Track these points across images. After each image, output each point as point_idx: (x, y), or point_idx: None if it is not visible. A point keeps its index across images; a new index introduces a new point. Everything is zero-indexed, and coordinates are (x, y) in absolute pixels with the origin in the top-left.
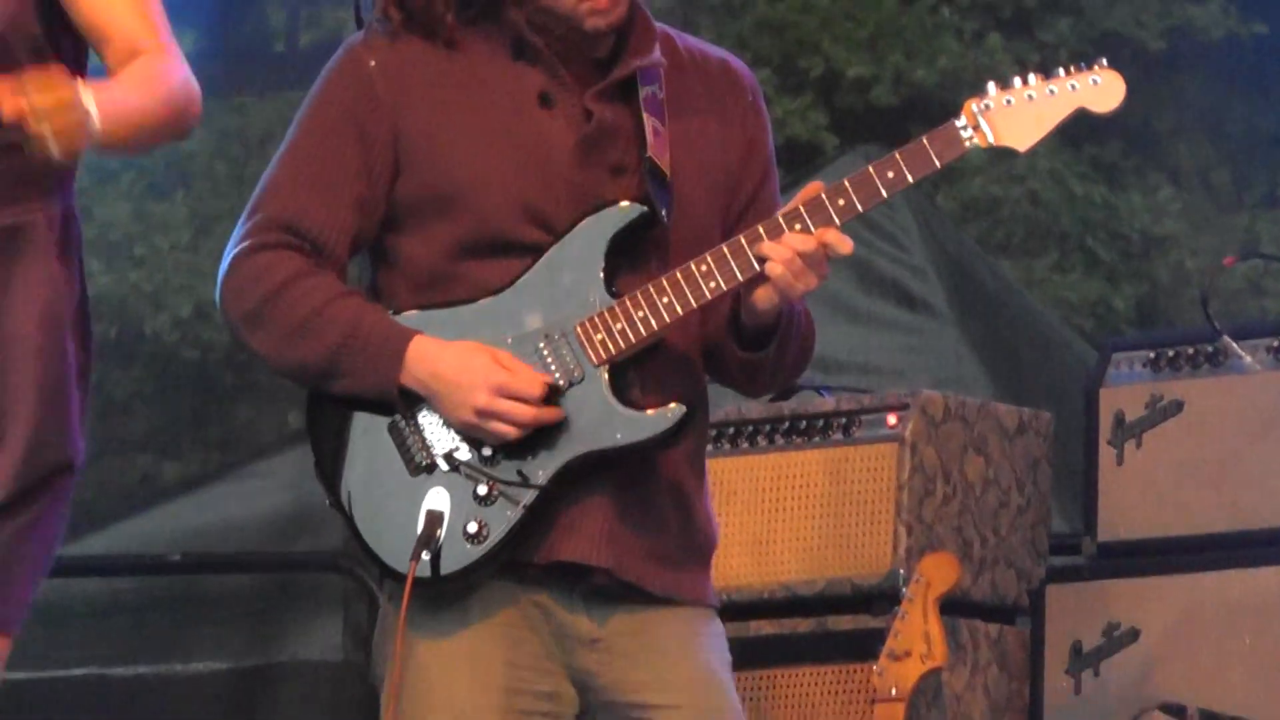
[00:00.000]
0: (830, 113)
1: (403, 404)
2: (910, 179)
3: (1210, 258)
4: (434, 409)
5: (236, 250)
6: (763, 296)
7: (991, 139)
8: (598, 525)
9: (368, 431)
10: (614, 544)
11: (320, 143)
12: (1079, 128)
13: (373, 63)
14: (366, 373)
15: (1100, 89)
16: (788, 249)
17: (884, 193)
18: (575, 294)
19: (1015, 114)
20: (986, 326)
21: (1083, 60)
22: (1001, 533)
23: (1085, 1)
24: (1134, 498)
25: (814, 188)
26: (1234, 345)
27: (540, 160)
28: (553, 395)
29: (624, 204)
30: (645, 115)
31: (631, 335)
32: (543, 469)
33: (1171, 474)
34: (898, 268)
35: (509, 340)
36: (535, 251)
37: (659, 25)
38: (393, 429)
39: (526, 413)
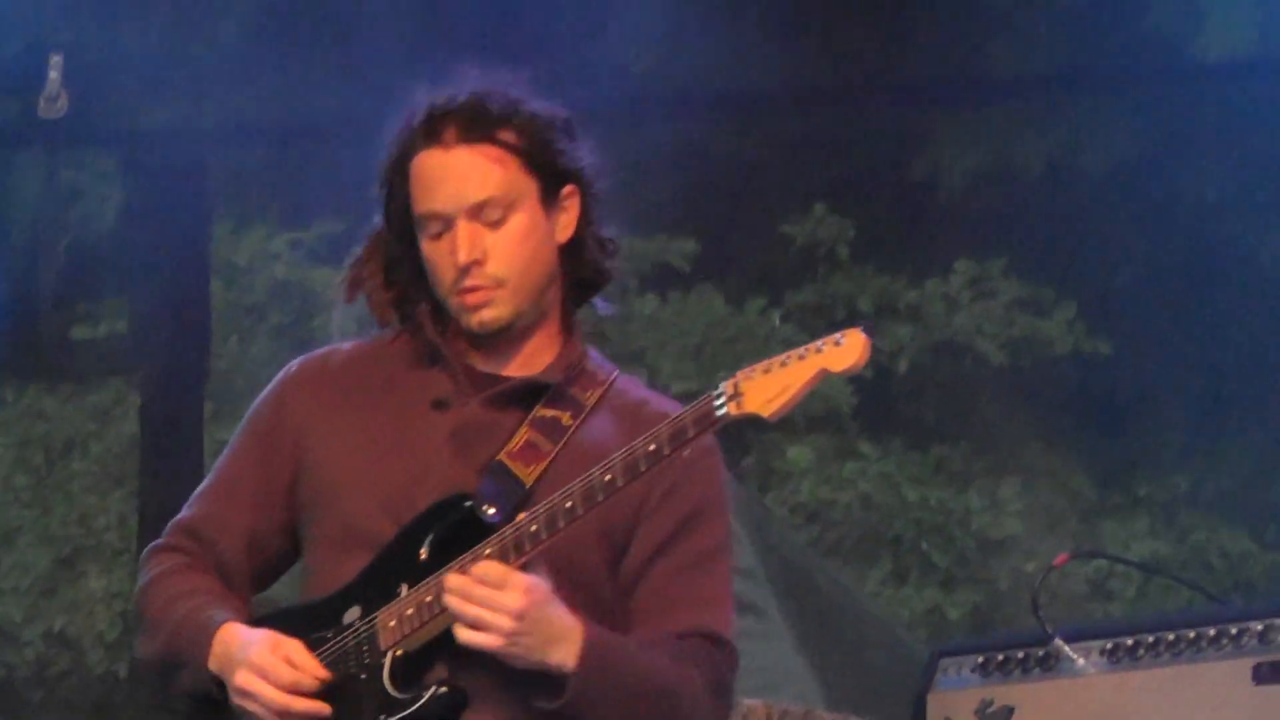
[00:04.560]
0: None
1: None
2: (667, 451)
3: (1051, 560)
4: None
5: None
6: None
7: (742, 408)
8: None
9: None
10: None
11: (233, 449)
12: (923, 430)
13: (296, 371)
14: (190, 665)
15: (842, 349)
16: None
17: (643, 465)
18: (391, 584)
19: (765, 383)
20: (817, 629)
21: (923, 370)
22: None
23: (925, 308)
24: None
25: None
26: (1065, 648)
27: (412, 460)
28: (340, 688)
29: (445, 500)
30: (526, 427)
31: (415, 621)
32: None
33: None
34: None
35: (329, 634)
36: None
37: (624, 378)
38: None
39: (275, 698)
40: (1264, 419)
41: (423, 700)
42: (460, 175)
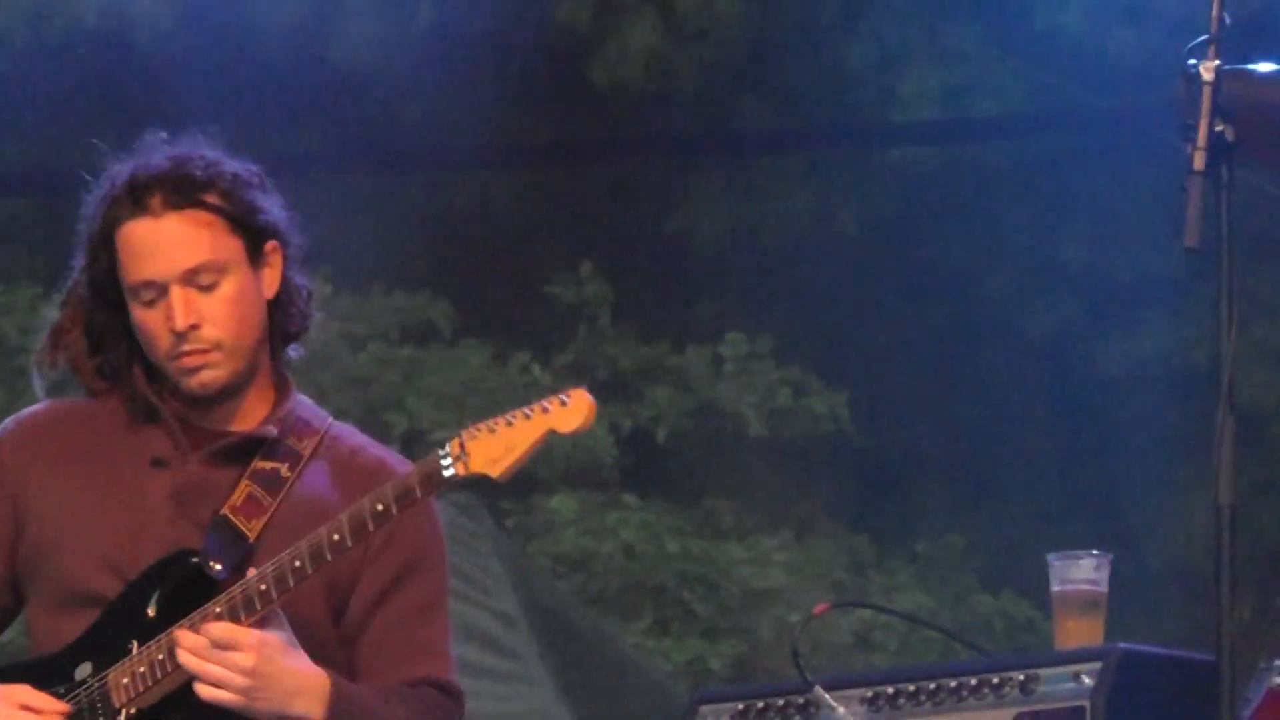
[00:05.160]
0: None
1: None
2: (394, 511)
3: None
4: None
5: None
6: None
7: (469, 468)
8: None
9: None
10: None
11: None
12: (687, 485)
13: (9, 430)
14: None
15: (568, 409)
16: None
17: (370, 524)
18: (121, 642)
19: (491, 442)
20: (579, 677)
21: (684, 433)
22: None
23: (693, 370)
24: None
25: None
26: (826, 696)
27: (134, 517)
28: None
29: (171, 556)
30: (245, 481)
31: (149, 678)
32: None
33: None
34: (484, 615)
35: (60, 691)
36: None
37: (338, 425)
38: None
39: None
40: (1031, 481)
41: None
42: (171, 243)
